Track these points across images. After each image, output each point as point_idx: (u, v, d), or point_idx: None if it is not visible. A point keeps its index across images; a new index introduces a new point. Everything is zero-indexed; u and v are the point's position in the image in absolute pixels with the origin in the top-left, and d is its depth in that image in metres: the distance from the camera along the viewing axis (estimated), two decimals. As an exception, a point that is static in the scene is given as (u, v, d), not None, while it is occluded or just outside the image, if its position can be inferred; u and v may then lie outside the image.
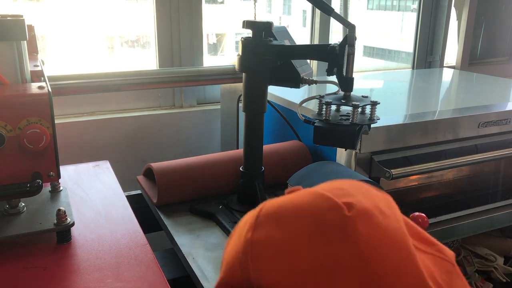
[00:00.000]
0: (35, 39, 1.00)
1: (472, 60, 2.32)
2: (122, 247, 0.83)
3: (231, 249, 0.41)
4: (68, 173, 1.14)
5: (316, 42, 1.95)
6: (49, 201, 0.91)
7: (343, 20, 0.93)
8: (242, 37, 1.02)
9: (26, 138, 0.71)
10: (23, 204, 0.87)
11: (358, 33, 0.92)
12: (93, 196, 1.03)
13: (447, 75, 2.02)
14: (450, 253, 0.42)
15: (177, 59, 1.63)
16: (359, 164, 1.13)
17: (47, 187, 0.95)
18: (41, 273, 0.75)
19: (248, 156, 1.09)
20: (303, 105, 1.13)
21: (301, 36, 2.07)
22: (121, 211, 0.97)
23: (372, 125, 0.95)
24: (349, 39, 0.91)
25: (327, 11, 0.94)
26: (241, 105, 1.08)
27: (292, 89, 1.07)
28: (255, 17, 1.17)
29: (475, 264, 1.47)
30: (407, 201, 1.35)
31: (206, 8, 1.64)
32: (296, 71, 1.04)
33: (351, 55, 0.92)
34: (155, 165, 1.14)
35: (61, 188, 0.95)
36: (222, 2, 2.02)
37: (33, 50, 0.99)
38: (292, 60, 1.04)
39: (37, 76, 0.83)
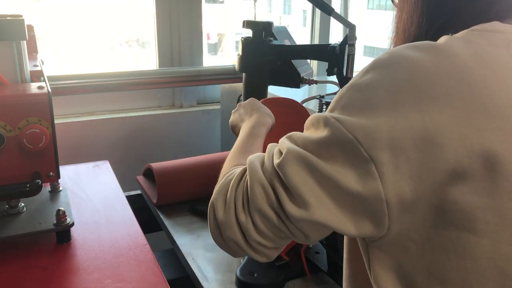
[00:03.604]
0: (34, 39, 1.00)
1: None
2: (122, 247, 0.83)
3: None
4: (68, 173, 1.14)
5: (316, 42, 1.94)
6: (48, 201, 0.91)
7: (343, 20, 0.93)
8: (242, 37, 1.02)
9: (26, 138, 0.71)
10: (22, 204, 0.87)
11: (358, 33, 0.92)
12: (93, 196, 1.03)
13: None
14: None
15: (177, 59, 1.63)
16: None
17: (46, 187, 0.95)
18: (41, 273, 0.75)
19: (248, 156, 1.08)
20: (303, 105, 1.12)
21: (301, 36, 2.07)
22: (121, 211, 0.97)
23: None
24: (349, 39, 0.91)
25: (327, 11, 0.94)
26: (241, 105, 1.07)
27: (292, 89, 1.07)
28: (255, 17, 1.17)
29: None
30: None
31: (206, 8, 1.63)
32: (296, 71, 1.04)
33: (351, 55, 0.92)
34: (155, 165, 1.14)
35: (60, 188, 0.95)
36: (222, 2, 2.02)
37: (33, 50, 0.99)
38: (292, 60, 1.04)
39: (37, 76, 0.83)
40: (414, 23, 0.58)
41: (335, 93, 0.98)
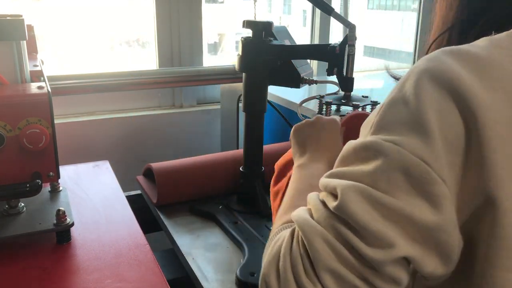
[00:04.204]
0: (34, 39, 1.00)
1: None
2: (122, 248, 0.83)
3: None
4: (68, 173, 1.14)
5: (316, 42, 1.94)
6: (48, 201, 0.91)
7: (343, 19, 0.93)
8: (242, 37, 1.02)
9: (26, 138, 0.71)
10: (22, 204, 0.87)
11: (358, 33, 0.92)
12: (92, 196, 1.03)
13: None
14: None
15: (177, 59, 1.63)
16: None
17: (46, 187, 0.95)
18: (41, 273, 0.75)
19: (248, 156, 1.08)
20: (303, 105, 1.13)
21: (301, 36, 2.06)
22: (121, 211, 0.97)
23: (372, 125, 0.95)
24: (349, 39, 0.91)
25: (327, 11, 0.94)
26: (241, 105, 1.08)
27: (292, 89, 1.07)
28: (255, 17, 1.17)
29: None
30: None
31: (206, 8, 1.63)
32: (296, 71, 1.04)
33: (352, 55, 0.92)
34: (155, 165, 1.14)
35: (60, 188, 0.95)
36: (222, 2, 2.02)
37: (33, 50, 0.99)
38: (292, 60, 1.04)
39: (37, 76, 0.83)
40: (453, 9, 0.53)
41: (335, 93, 0.98)
